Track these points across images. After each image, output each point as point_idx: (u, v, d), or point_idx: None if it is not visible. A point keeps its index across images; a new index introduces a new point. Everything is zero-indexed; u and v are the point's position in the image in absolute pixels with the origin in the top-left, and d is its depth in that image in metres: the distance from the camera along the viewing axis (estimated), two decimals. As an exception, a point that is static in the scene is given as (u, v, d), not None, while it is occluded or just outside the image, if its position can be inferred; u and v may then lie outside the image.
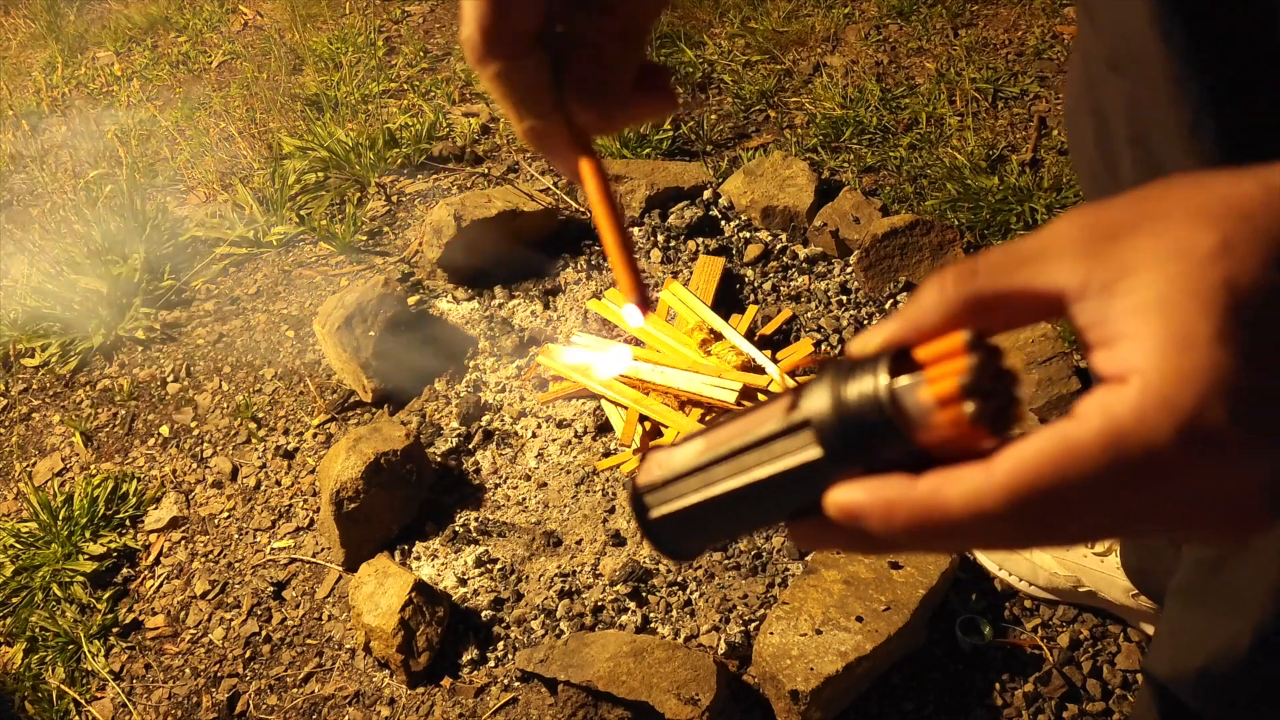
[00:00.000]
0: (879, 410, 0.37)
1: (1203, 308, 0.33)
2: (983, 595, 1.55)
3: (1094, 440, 0.34)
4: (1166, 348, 0.33)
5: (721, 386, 1.76)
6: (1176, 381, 0.33)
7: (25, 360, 2.30)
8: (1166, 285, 0.34)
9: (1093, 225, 0.36)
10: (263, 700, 1.63)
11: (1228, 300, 0.33)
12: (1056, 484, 0.34)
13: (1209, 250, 0.34)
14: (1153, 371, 0.33)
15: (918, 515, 0.37)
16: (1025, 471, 0.35)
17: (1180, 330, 0.33)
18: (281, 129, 2.78)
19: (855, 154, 2.35)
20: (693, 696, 1.37)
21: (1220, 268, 0.33)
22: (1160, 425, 0.33)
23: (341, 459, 1.71)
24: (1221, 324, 0.33)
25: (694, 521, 0.44)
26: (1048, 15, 2.70)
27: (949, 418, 0.36)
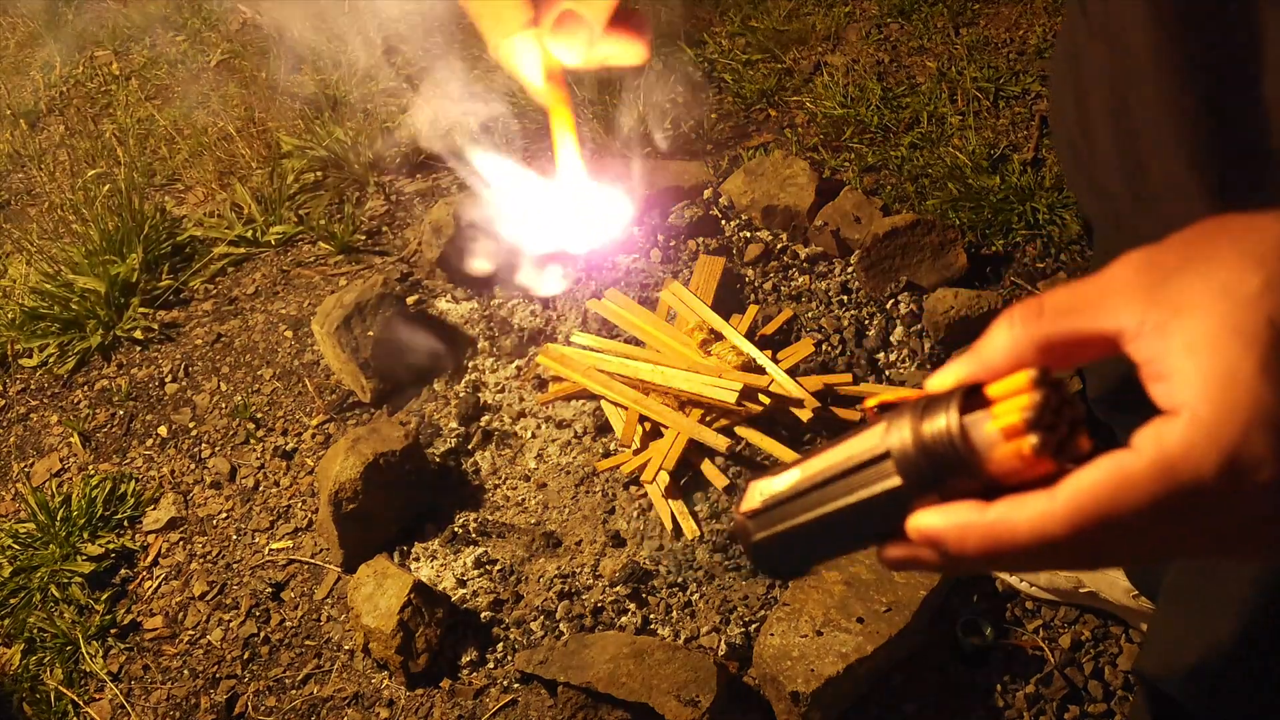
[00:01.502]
0: (951, 444, 0.41)
1: (1247, 344, 0.35)
2: (984, 596, 1.55)
3: (1147, 470, 0.36)
4: (1212, 383, 0.36)
5: (721, 386, 1.76)
6: (1222, 414, 0.35)
7: (23, 360, 2.29)
8: (1214, 323, 0.36)
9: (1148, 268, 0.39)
10: (261, 701, 1.62)
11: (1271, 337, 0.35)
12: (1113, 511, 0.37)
13: (1254, 290, 0.36)
14: (1201, 405, 0.36)
15: (989, 540, 0.40)
16: (1085, 499, 0.37)
17: (1226, 366, 0.35)
18: (280, 128, 2.78)
19: (856, 153, 2.34)
20: (693, 698, 1.36)
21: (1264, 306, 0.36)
22: (1207, 456, 0.35)
23: (340, 459, 1.71)
24: (1265, 359, 0.35)
25: (792, 543, 0.48)
26: (1049, 14, 2.69)
27: (1014, 450, 0.39)
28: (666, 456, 1.73)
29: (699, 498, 1.73)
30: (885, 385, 1.83)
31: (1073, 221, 2.06)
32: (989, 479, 0.40)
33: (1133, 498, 0.37)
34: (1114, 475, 0.37)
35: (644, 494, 1.74)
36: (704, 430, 1.75)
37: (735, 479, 1.73)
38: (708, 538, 1.67)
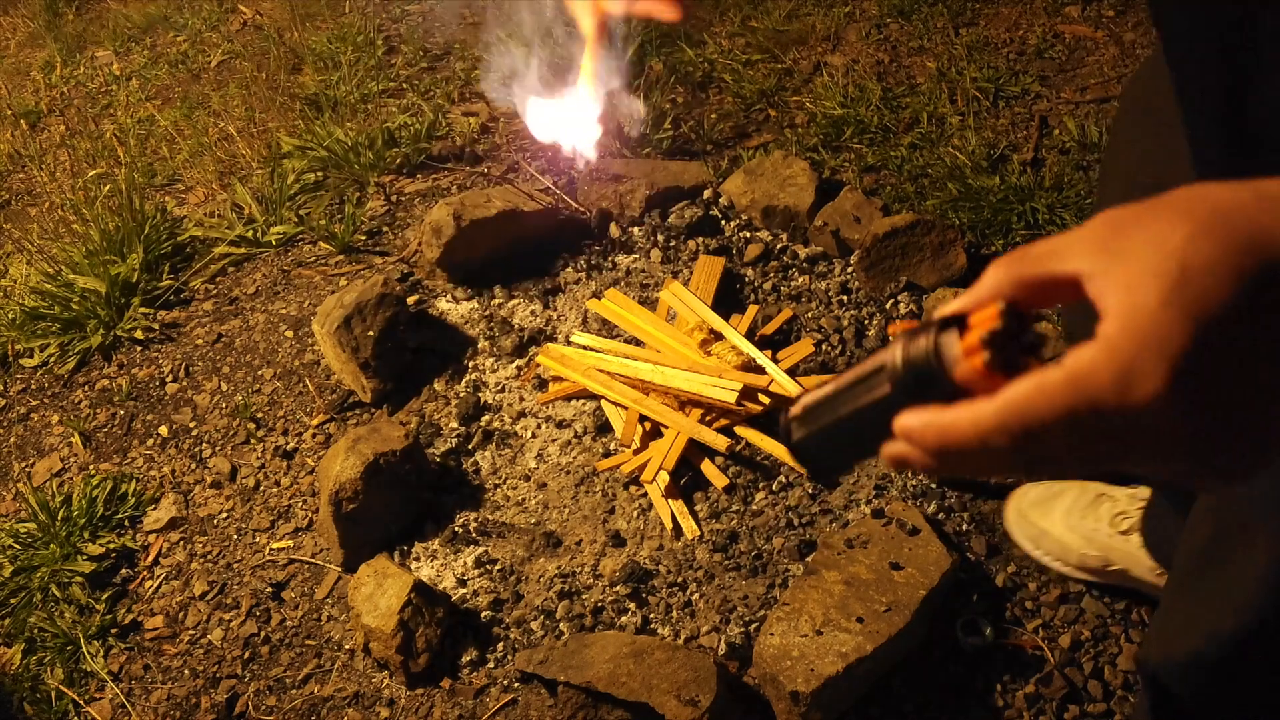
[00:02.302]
0: (926, 359, 0.49)
1: (1158, 284, 0.42)
2: (984, 596, 1.55)
3: (1060, 381, 0.43)
4: (1124, 315, 0.42)
5: (722, 386, 1.76)
6: (1123, 338, 0.42)
7: (24, 360, 2.30)
8: (1138, 267, 0.43)
9: (1109, 223, 0.45)
10: (261, 701, 1.63)
11: (1178, 278, 0.41)
12: (1032, 414, 0.44)
13: (1177, 241, 0.42)
14: (1111, 331, 0.43)
15: (942, 434, 0.48)
16: (1011, 403, 0.45)
17: (1137, 301, 0.42)
18: (280, 128, 2.78)
19: (856, 153, 2.35)
20: (693, 698, 1.36)
21: (1179, 253, 0.42)
22: (1106, 370, 0.42)
23: (340, 459, 1.71)
24: (1167, 296, 0.41)
25: (822, 443, 0.58)
26: (1049, 14, 2.70)
27: (971, 365, 0.47)
28: (666, 456, 1.73)
29: (699, 498, 1.73)
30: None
31: (1072, 221, 2.07)
32: (955, 389, 0.48)
33: (1047, 404, 0.44)
34: (1036, 384, 0.44)
35: (644, 494, 1.75)
36: (704, 430, 1.75)
37: (735, 479, 1.74)
38: (708, 538, 1.67)
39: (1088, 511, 1.49)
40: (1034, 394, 0.44)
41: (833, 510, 1.68)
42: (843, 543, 1.56)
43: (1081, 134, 2.28)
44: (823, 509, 1.68)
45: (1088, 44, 2.59)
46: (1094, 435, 0.44)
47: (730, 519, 1.69)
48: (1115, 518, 1.46)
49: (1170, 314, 0.41)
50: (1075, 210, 2.09)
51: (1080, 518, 1.49)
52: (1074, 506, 1.51)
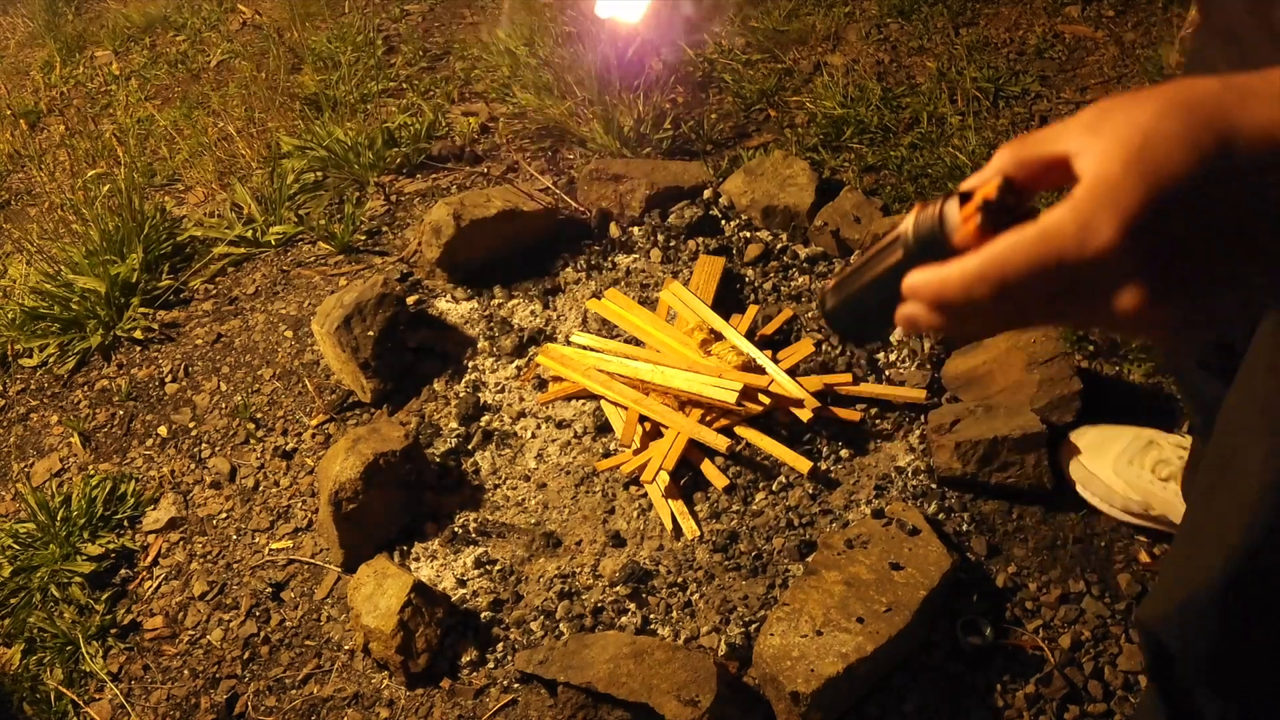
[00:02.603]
0: (931, 225, 0.55)
1: (1121, 151, 0.47)
2: (984, 596, 1.55)
3: (1031, 235, 0.49)
4: (1091, 178, 0.48)
5: (722, 386, 1.76)
6: (1087, 197, 0.47)
7: (23, 360, 2.29)
8: (1110, 139, 0.48)
9: (1098, 110, 0.50)
10: (261, 701, 1.62)
11: (1140, 146, 0.47)
12: (1008, 264, 0.50)
13: (1146, 118, 0.47)
14: (1079, 193, 0.48)
15: (938, 286, 0.53)
16: (990, 254, 0.51)
17: (1104, 167, 0.47)
18: (280, 128, 2.78)
19: (856, 153, 2.34)
20: (693, 698, 1.36)
21: (1146, 127, 0.47)
22: (1069, 224, 0.48)
23: (340, 459, 1.71)
24: (1128, 160, 0.46)
25: (848, 310, 0.65)
26: (1049, 14, 2.69)
27: (967, 226, 0.53)
28: (666, 456, 1.73)
29: (699, 498, 1.73)
30: (885, 385, 1.83)
31: (1073, 221, 2.07)
32: (955, 251, 0.54)
33: (1020, 254, 0.49)
34: (1012, 239, 0.50)
35: (644, 494, 1.74)
36: (704, 430, 1.75)
37: (735, 479, 1.73)
38: (708, 538, 1.67)
39: (1135, 458, 1.55)
40: (1009, 247, 0.50)
41: (833, 510, 1.68)
42: (843, 543, 1.56)
43: (1081, 134, 2.28)
44: (823, 509, 1.68)
45: (1088, 44, 2.59)
46: (1060, 284, 0.49)
47: (730, 519, 1.69)
48: (1157, 465, 1.53)
49: (1129, 178, 0.46)
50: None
51: (1128, 463, 1.56)
52: (1124, 452, 1.57)
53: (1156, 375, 1.79)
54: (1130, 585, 1.55)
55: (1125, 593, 1.55)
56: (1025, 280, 0.50)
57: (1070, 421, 1.69)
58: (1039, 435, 1.62)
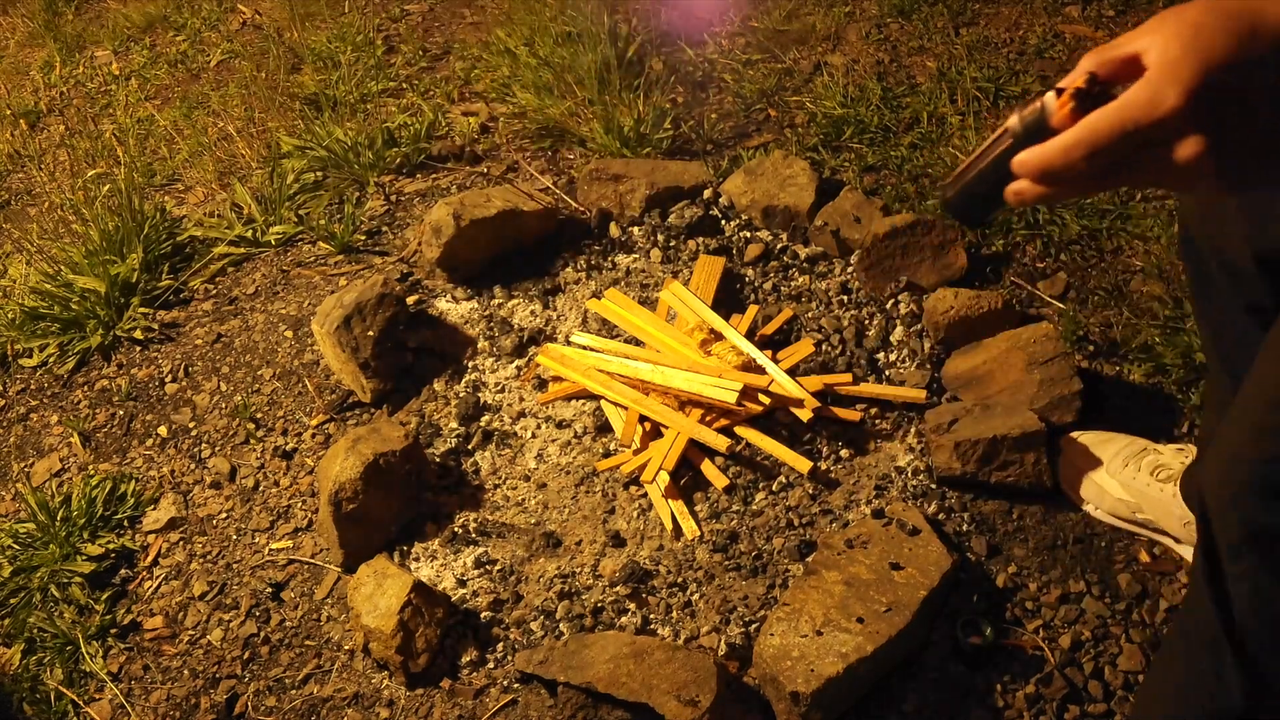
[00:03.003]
0: (1034, 111, 0.70)
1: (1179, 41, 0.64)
2: (984, 596, 1.55)
3: (1115, 106, 0.65)
4: (1157, 62, 0.64)
5: (722, 386, 1.76)
6: (1156, 74, 0.64)
7: (23, 360, 2.29)
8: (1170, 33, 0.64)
9: (1157, 18, 0.66)
10: (261, 702, 1.63)
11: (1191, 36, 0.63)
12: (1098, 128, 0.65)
13: (1195, 14, 0.64)
14: (1150, 74, 0.64)
15: (1042, 158, 0.68)
16: (1084, 124, 0.66)
17: (1167, 54, 0.64)
18: (280, 128, 2.78)
19: (856, 153, 2.34)
20: (693, 698, 1.36)
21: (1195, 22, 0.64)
22: (1143, 95, 0.64)
23: (340, 459, 1.71)
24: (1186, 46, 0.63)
25: (966, 196, 0.78)
26: (1049, 14, 2.69)
27: (1063, 111, 0.68)
28: (666, 456, 1.73)
29: (699, 498, 1.73)
30: (886, 385, 1.83)
31: (1072, 221, 2.06)
32: (1054, 132, 0.68)
33: (1106, 122, 0.65)
34: (1101, 111, 0.65)
35: (644, 494, 1.74)
36: (704, 430, 1.75)
37: (735, 479, 1.73)
38: (708, 538, 1.67)
39: (1130, 461, 1.57)
40: (1098, 117, 0.65)
41: (833, 510, 1.68)
42: (843, 543, 1.56)
43: (1081, 134, 2.28)
44: (823, 509, 1.68)
45: (1088, 44, 2.59)
46: (1137, 140, 0.64)
47: (730, 519, 1.69)
48: (1157, 468, 1.55)
49: (1186, 57, 0.63)
50: (1075, 209, 2.09)
51: (1122, 466, 1.57)
52: (1119, 455, 1.59)
53: (1156, 376, 1.79)
54: (1130, 585, 1.55)
55: (1125, 593, 1.55)
56: (1111, 141, 0.65)
57: (1071, 421, 1.69)
58: (1038, 434, 1.62)
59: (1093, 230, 2.06)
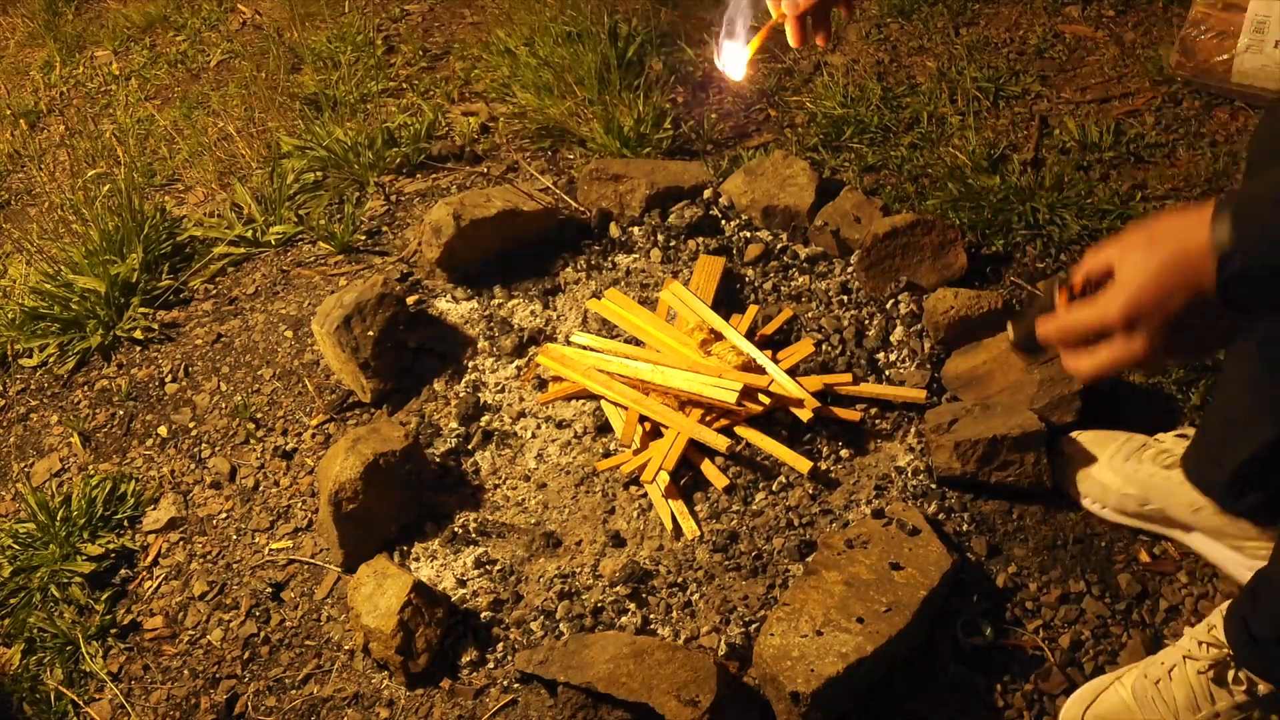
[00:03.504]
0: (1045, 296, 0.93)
1: (1135, 268, 0.84)
2: (984, 596, 1.55)
3: (1085, 307, 0.87)
4: (1119, 278, 0.85)
5: (722, 386, 1.76)
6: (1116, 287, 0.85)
7: (23, 360, 2.29)
8: (1129, 258, 0.84)
9: (1130, 229, 0.86)
10: (261, 702, 1.63)
11: (1143, 242, 0.84)
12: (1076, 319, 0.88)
13: (1139, 240, 0.84)
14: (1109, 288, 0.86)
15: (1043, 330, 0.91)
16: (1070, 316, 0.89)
17: (1125, 274, 0.84)
18: (280, 128, 2.78)
19: (856, 153, 2.34)
20: (693, 698, 1.36)
21: (1151, 229, 0.84)
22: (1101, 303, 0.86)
23: (340, 459, 1.71)
24: (1137, 270, 0.83)
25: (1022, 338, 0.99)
26: (1049, 14, 2.70)
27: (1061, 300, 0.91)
28: (666, 456, 1.73)
29: (699, 498, 1.73)
30: (886, 385, 1.83)
31: (1073, 221, 2.07)
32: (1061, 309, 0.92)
33: (1079, 318, 0.87)
34: (1078, 309, 0.88)
35: (644, 494, 1.74)
36: (704, 430, 1.75)
37: (735, 479, 1.73)
38: (708, 538, 1.67)
39: (1131, 455, 1.57)
40: (1076, 313, 0.88)
41: (833, 510, 1.68)
42: (843, 543, 1.56)
43: (1082, 134, 2.28)
44: (823, 509, 1.68)
45: (1088, 44, 2.59)
46: (1099, 331, 0.86)
47: (730, 519, 1.69)
48: (1159, 455, 1.55)
49: (1138, 278, 0.83)
50: (1076, 209, 2.09)
51: (1123, 460, 1.57)
52: (1119, 451, 1.59)
53: (1156, 376, 1.79)
54: (1130, 585, 1.55)
55: (1125, 593, 1.55)
56: (1085, 329, 0.87)
57: (1071, 421, 1.69)
58: (1038, 434, 1.62)
59: (1093, 230, 2.05)
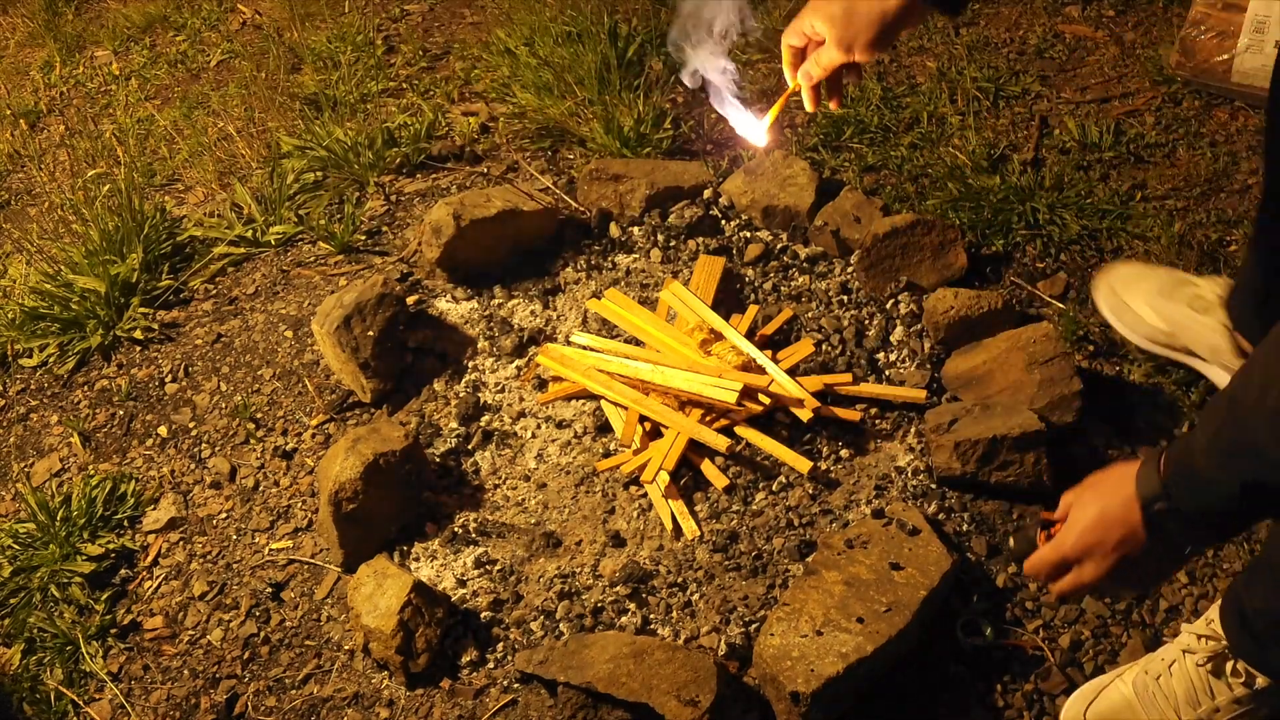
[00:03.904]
0: (1028, 538, 1.19)
1: (1082, 514, 1.08)
2: (984, 596, 1.55)
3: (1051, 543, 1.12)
4: (1065, 525, 1.10)
5: (722, 386, 1.76)
6: (1067, 529, 1.10)
7: (23, 360, 2.29)
8: (1079, 509, 1.09)
9: (1079, 490, 1.11)
10: (261, 702, 1.63)
11: (1087, 508, 1.07)
12: (1045, 554, 1.12)
13: (1089, 495, 1.09)
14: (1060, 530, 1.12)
15: (1030, 563, 1.14)
16: (1040, 553, 1.13)
17: (1074, 520, 1.09)
18: (280, 128, 2.78)
19: (856, 153, 2.34)
20: (693, 698, 1.36)
21: (1097, 481, 1.09)
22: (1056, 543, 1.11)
23: (340, 459, 1.71)
24: (1083, 516, 1.08)
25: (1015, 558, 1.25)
26: (1049, 14, 2.70)
27: (1040, 539, 1.16)
28: (666, 456, 1.73)
29: (699, 498, 1.73)
30: (886, 385, 1.83)
31: (1073, 221, 2.07)
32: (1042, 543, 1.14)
33: (1047, 552, 1.11)
34: (1045, 548, 1.12)
35: (644, 494, 1.74)
36: (704, 430, 1.75)
37: (735, 479, 1.74)
38: (708, 538, 1.67)
39: (1169, 292, 1.69)
40: (1046, 547, 1.10)
41: (833, 511, 1.68)
42: (843, 543, 1.56)
43: (1082, 134, 2.28)
44: (823, 509, 1.68)
45: (1088, 44, 2.59)
46: (1060, 561, 1.10)
47: (730, 519, 1.69)
48: (1194, 299, 1.66)
49: (1081, 521, 1.07)
50: (1076, 209, 2.09)
51: (1160, 297, 1.69)
52: (1157, 288, 1.70)
53: (1156, 376, 1.79)
54: (1130, 585, 1.55)
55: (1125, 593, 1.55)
56: (1049, 564, 1.10)
57: (1071, 421, 1.69)
58: (1038, 434, 1.62)
59: (1093, 230, 2.06)
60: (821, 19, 1.31)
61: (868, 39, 1.28)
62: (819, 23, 1.31)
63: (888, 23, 1.26)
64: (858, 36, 1.29)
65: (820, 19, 1.31)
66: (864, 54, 1.31)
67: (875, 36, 1.27)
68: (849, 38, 1.29)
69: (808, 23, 1.33)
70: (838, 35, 1.30)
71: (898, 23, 1.27)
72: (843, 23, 1.29)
